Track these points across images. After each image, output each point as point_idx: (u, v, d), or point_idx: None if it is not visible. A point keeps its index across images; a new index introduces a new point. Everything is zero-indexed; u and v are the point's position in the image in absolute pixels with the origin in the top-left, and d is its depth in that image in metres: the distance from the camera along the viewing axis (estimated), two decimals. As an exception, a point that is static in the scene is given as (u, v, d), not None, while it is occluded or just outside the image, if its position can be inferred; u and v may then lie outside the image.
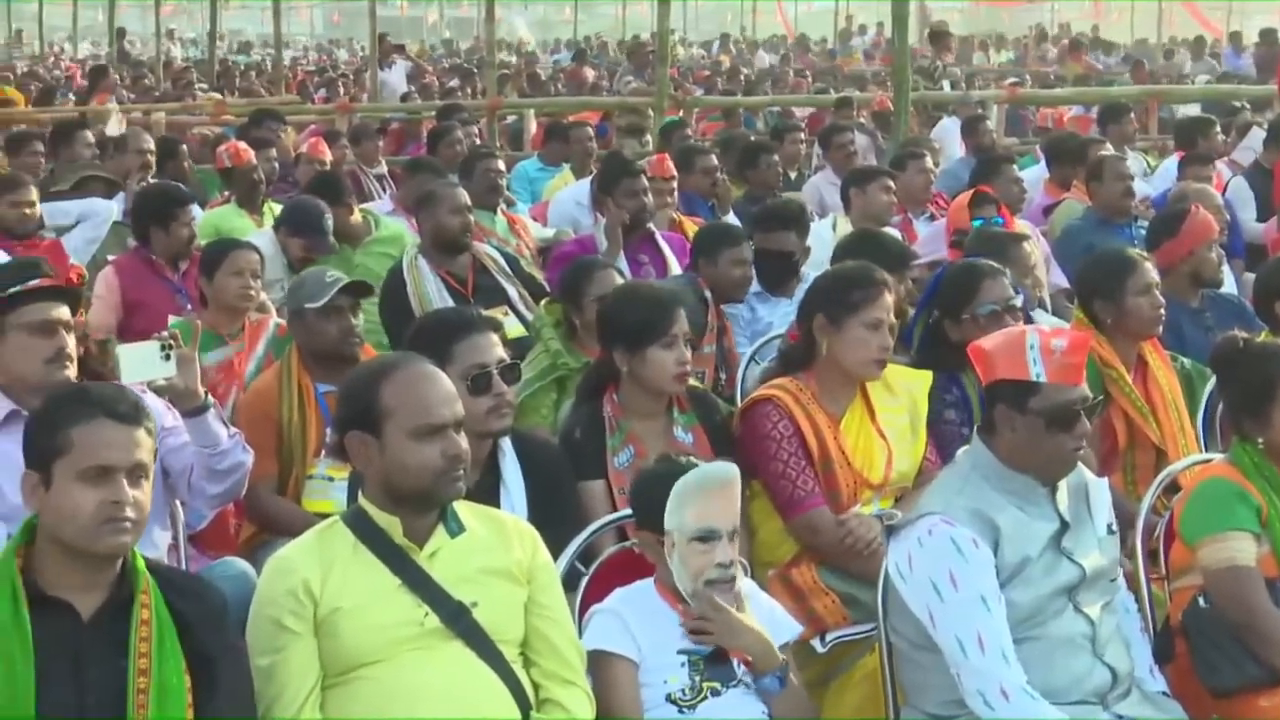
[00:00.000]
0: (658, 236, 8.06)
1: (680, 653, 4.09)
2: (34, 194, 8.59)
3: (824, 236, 8.10)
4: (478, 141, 12.84)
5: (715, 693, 4.07)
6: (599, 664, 4.01)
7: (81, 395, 3.60)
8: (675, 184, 9.07)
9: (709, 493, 4.09)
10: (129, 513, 3.45)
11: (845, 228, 8.36)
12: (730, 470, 4.17)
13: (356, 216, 8.56)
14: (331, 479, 5.53)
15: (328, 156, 11.01)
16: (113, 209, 8.83)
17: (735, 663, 4.10)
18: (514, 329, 6.93)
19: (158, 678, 3.45)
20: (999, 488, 4.08)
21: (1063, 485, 4.15)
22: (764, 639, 4.10)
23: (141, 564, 3.56)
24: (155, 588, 3.54)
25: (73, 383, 4.59)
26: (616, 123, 15.79)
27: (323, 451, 5.56)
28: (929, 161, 9.61)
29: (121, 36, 32.89)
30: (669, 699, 4.05)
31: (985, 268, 5.56)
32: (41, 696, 3.38)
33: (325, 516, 4.98)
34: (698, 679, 4.07)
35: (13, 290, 4.77)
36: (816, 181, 11.25)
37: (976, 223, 7.27)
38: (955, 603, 3.94)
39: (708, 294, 6.69)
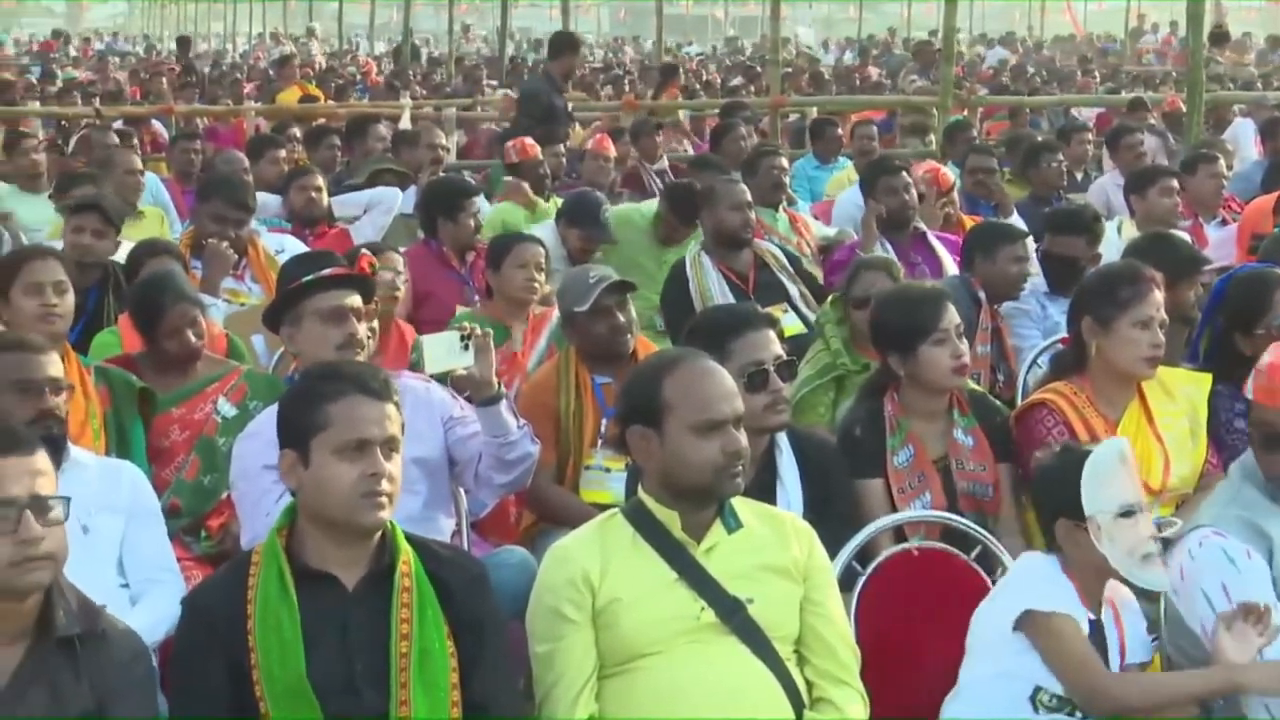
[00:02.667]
0: (930, 237, 8.01)
1: None
2: (320, 180, 8.93)
3: (1109, 239, 7.94)
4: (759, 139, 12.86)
5: None
6: (1045, 624, 3.95)
7: (334, 373, 3.72)
8: (954, 191, 9.00)
9: (1117, 468, 4.02)
10: (385, 486, 3.56)
11: (1130, 230, 8.20)
12: (1124, 444, 4.12)
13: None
14: (608, 470, 5.59)
15: (612, 153, 11.13)
16: (399, 196, 9.09)
17: None
18: (793, 326, 6.96)
19: (419, 643, 3.56)
20: (1272, 496, 3.98)
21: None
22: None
23: (400, 535, 3.66)
24: (415, 558, 3.64)
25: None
26: (900, 121, 15.68)
27: (599, 442, 5.66)
28: (1221, 165, 9.36)
29: (410, 36, 33.60)
30: (1040, 690, 3.99)
31: (1277, 277, 5.38)
32: (312, 663, 3.51)
33: (602, 507, 5.07)
34: None
35: (307, 278, 4.95)
36: (1103, 183, 11.01)
37: (1280, 229, 7.08)
38: (1229, 614, 3.86)
39: (981, 294, 6.62)
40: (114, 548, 4.46)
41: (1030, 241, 7.11)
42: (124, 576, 4.47)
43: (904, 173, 8.16)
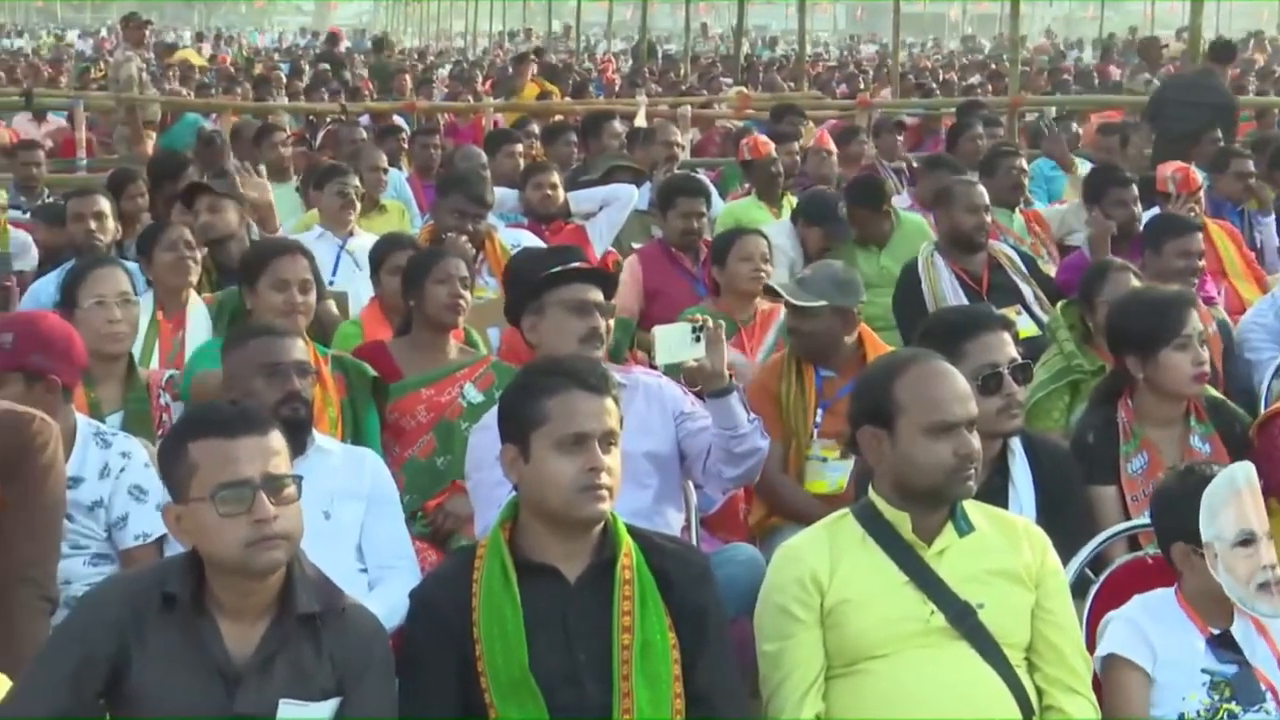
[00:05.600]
0: None
1: (1204, 671, 3.96)
2: (557, 176, 9.05)
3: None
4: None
5: (1232, 716, 3.92)
6: (1112, 669, 3.94)
7: (553, 368, 3.75)
8: (1200, 193, 8.80)
9: (1239, 495, 3.93)
10: (604, 479, 3.58)
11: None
12: (1249, 469, 4.01)
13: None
14: (825, 459, 5.63)
15: (832, 147, 11.07)
16: (634, 193, 9.17)
17: (1263, 687, 3.96)
18: (1027, 329, 6.87)
19: (641, 635, 3.57)
20: None
21: None
22: None
23: (622, 527, 3.68)
24: (637, 550, 3.66)
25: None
26: (1125, 119, 15.36)
27: (815, 432, 5.65)
28: None
29: (645, 36, 33.81)
30: (1183, 718, 3.93)
31: None
32: (534, 655, 3.54)
33: (820, 497, 5.16)
34: (1217, 699, 3.94)
35: (555, 269, 5.03)
36: (1350, 186, 10.69)
37: None
38: None
39: None
40: (354, 533, 4.57)
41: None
42: (363, 562, 4.58)
43: (1133, 184, 8.02)
